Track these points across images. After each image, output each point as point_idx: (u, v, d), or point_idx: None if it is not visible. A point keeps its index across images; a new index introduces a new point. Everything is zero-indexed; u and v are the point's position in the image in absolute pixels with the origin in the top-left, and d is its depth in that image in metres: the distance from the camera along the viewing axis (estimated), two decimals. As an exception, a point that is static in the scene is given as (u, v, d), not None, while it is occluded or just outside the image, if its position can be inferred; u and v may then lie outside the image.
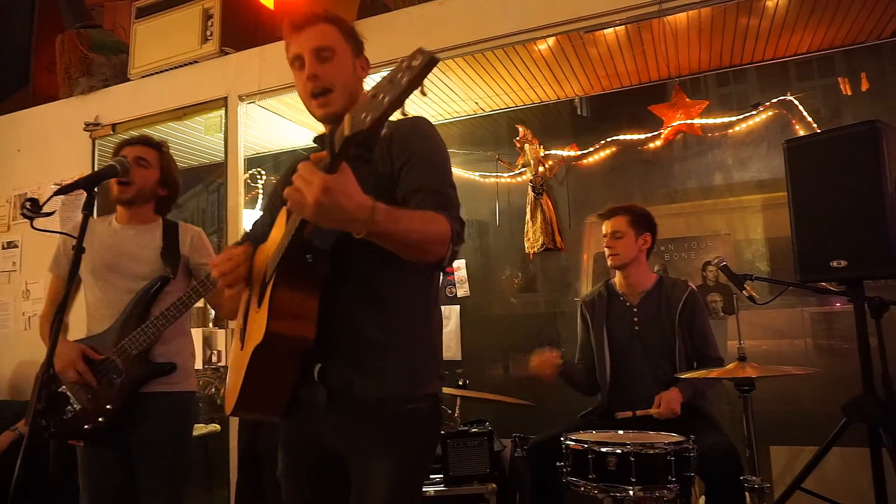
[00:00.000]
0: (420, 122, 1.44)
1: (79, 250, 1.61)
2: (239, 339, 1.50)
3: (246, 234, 1.67)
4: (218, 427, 3.40)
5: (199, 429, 3.30)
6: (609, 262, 2.73)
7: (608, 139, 3.54)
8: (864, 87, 3.08)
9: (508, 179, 3.79)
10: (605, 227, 2.71)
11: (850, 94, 3.11)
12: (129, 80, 3.74)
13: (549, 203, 3.63)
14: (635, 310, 2.67)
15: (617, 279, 2.78)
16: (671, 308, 2.60)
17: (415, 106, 3.68)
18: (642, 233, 2.68)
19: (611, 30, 2.83)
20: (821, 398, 2.87)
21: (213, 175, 4.52)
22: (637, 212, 2.73)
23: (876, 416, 2.25)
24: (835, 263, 2.33)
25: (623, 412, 2.50)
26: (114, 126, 3.71)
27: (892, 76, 3.11)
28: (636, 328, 2.64)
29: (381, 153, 1.39)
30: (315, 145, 1.56)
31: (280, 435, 1.50)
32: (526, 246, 3.65)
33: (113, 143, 3.76)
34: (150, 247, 2.18)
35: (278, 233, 1.36)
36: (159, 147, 2.28)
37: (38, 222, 1.75)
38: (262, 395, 1.40)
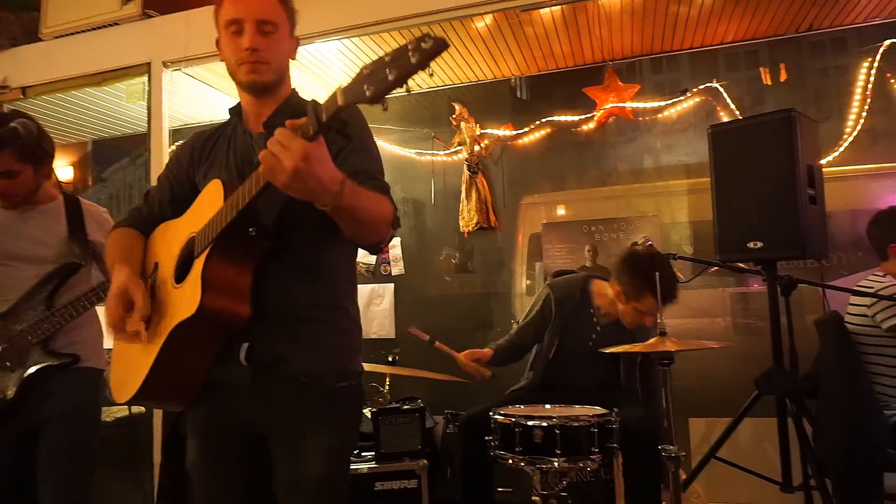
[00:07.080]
0: (355, 111, 1.40)
1: None
2: (132, 335, 1.32)
3: (136, 209, 1.53)
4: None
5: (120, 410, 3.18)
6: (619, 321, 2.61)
7: (543, 120, 3.58)
8: (783, 77, 3.23)
9: (444, 158, 3.78)
10: (649, 306, 2.43)
11: (770, 83, 3.26)
12: (41, 40, 3.47)
13: (485, 182, 3.65)
14: (598, 328, 2.65)
15: (596, 287, 2.69)
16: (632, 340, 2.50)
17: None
18: None
19: (547, 10, 2.85)
20: (736, 373, 3.01)
21: (139, 147, 4.29)
22: None
23: (783, 388, 2.41)
24: (751, 245, 2.45)
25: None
26: (24, 89, 3.46)
27: (809, 68, 3.28)
28: (590, 343, 2.62)
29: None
30: (230, 116, 1.50)
31: (190, 422, 1.42)
32: (461, 225, 3.66)
33: (22, 108, 3.51)
34: (54, 230, 2.02)
35: (208, 207, 1.30)
36: (8, 140, 1.90)
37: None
38: (172, 380, 1.32)
